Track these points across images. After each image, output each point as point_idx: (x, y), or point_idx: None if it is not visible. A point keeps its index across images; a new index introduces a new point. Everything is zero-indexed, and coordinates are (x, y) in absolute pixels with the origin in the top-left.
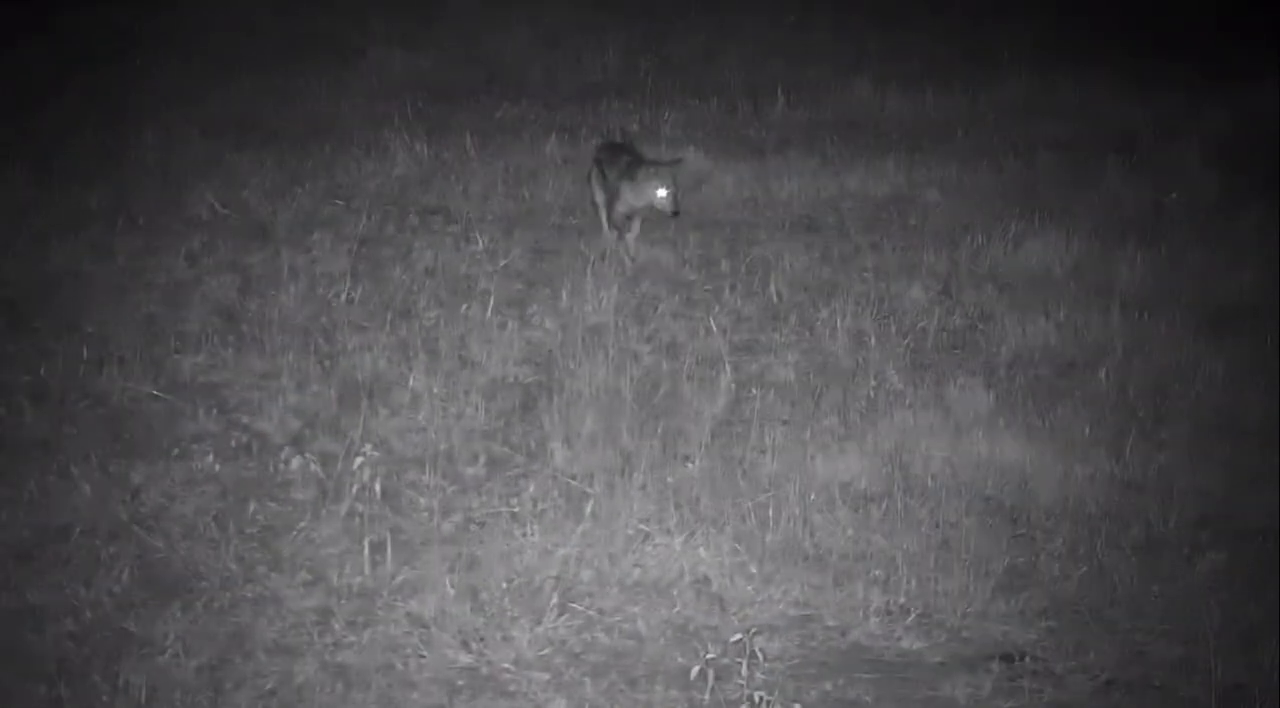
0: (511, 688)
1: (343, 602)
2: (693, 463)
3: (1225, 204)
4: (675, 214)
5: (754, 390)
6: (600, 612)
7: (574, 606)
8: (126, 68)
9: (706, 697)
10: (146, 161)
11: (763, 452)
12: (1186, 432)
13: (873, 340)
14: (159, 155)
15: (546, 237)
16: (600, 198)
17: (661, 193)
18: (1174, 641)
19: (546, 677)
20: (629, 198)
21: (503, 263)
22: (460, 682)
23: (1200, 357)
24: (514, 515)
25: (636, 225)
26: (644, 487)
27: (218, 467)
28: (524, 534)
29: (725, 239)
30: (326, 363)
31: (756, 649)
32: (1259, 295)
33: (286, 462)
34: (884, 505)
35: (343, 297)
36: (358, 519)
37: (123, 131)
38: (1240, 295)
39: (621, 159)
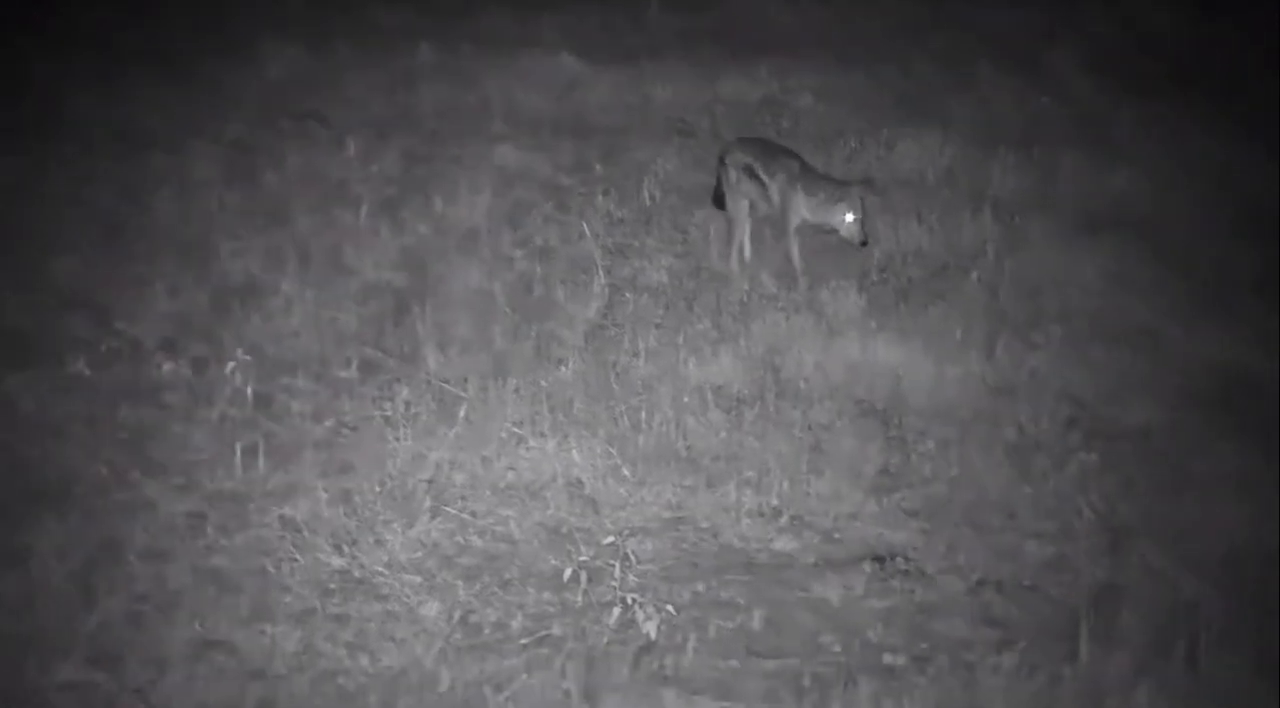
0: (384, 591)
1: (215, 506)
2: (566, 367)
3: (1099, 108)
4: (864, 244)
5: (627, 294)
6: (473, 515)
7: (447, 509)
8: None
9: (579, 599)
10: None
11: (635, 355)
12: (1058, 334)
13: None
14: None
15: (420, 142)
16: (740, 206)
17: (849, 218)
18: (1045, 541)
19: (419, 580)
20: (803, 212)
21: (375, 168)
22: (332, 585)
23: (1073, 260)
24: (386, 419)
25: (796, 246)
26: (517, 390)
27: (89, 372)
28: (396, 438)
29: (599, 144)
30: (199, 268)
31: (629, 551)
32: (1132, 200)
33: (159, 367)
34: (756, 408)
35: (215, 202)
36: (230, 424)
37: None
38: (1113, 200)
39: (786, 163)
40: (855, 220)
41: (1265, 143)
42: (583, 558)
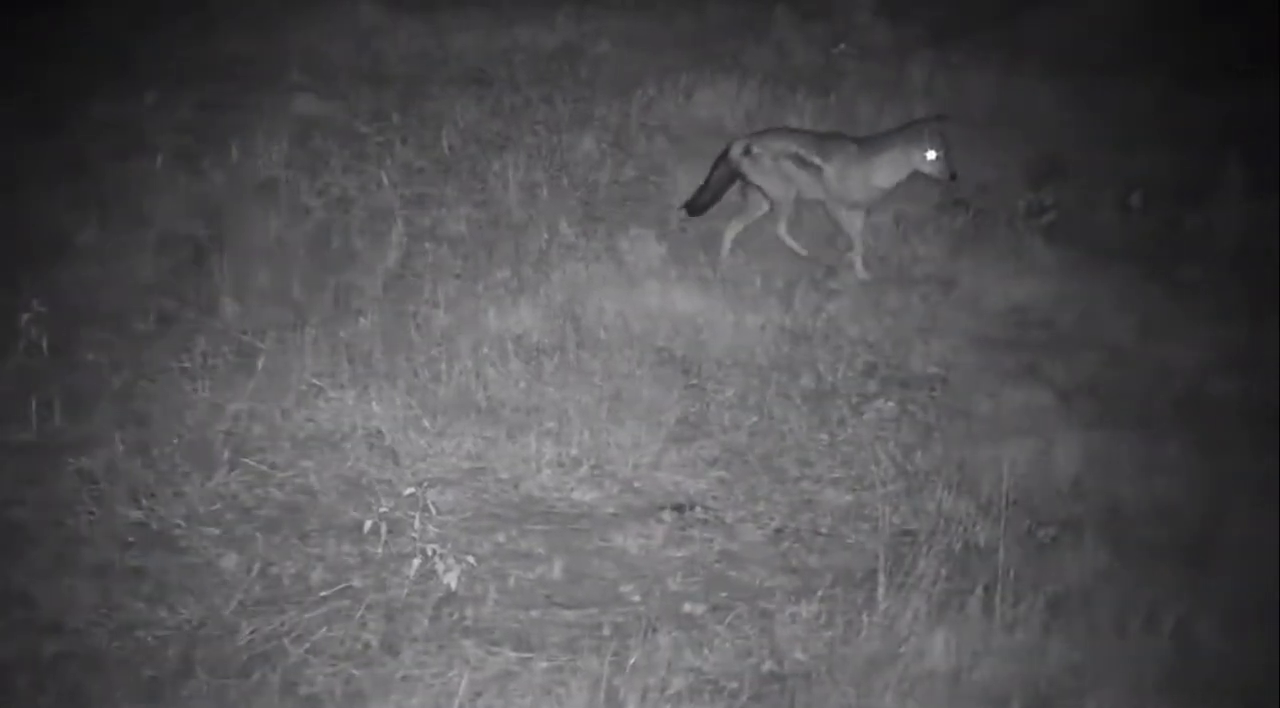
0: (183, 544)
1: (11, 458)
2: (365, 317)
3: (893, 54)
4: (953, 177)
5: (426, 244)
6: (272, 466)
7: (245, 461)
8: None
9: (379, 550)
10: None
11: (435, 305)
12: (855, 282)
13: (545, 193)
14: None
15: (218, 92)
16: (780, 198)
17: (931, 156)
18: (842, 488)
19: (218, 532)
20: (879, 183)
21: (173, 117)
22: (130, 538)
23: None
24: (184, 370)
25: (860, 221)
26: (316, 341)
27: None
28: (194, 389)
29: (397, 93)
30: None
31: (429, 502)
32: None
33: None
34: (556, 358)
35: (15, 152)
36: (26, 375)
37: None
38: None
39: (840, 144)
40: (939, 156)
41: (1050, 83)
42: (383, 509)
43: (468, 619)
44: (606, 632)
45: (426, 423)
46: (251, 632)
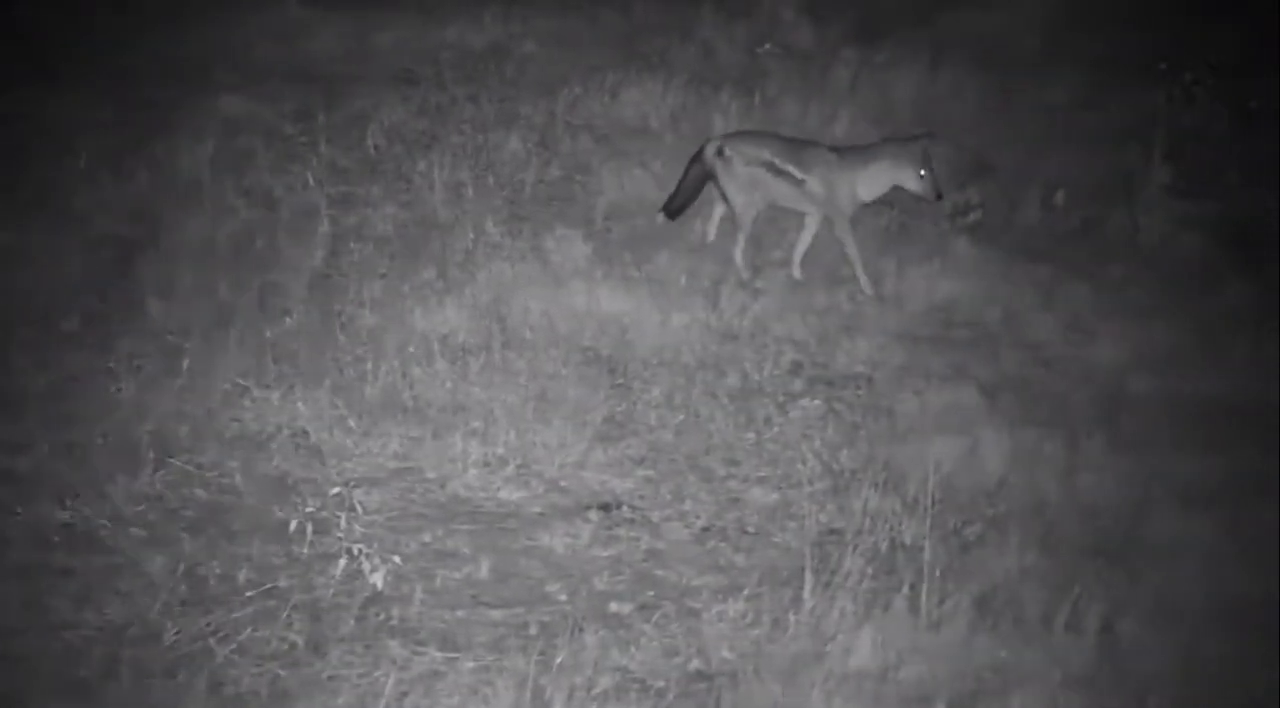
0: (108, 544)
1: None
2: (290, 317)
3: (818, 53)
4: (939, 198)
5: (352, 244)
6: (198, 467)
7: (171, 461)
8: None
9: (305, 550)
10: None
11: (361, 305)
12: (781, 281)
13: (470, 193)
14: None
15: (143, 91)
16: (743, 209)
17: (921, 173)
18: (769, 487)
19: (144, 533)
20: (861, 195)
21: (99, 117)
22: (56, 538)
23: None
24: (109, 371)
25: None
26: (241, 341)
27: None
28: (120, 390)
29: (323, 92)
30: None
31: (355, 502)
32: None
33: None
34: (482, 358)
35: None
36: None
37: None
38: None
39: (819, 154)
40: (927, 175)
41: (974, 83)
42: (308, 509)
43: (394, 619)
44: (533, 631)
45: (352, 423)
46: (177, 632)
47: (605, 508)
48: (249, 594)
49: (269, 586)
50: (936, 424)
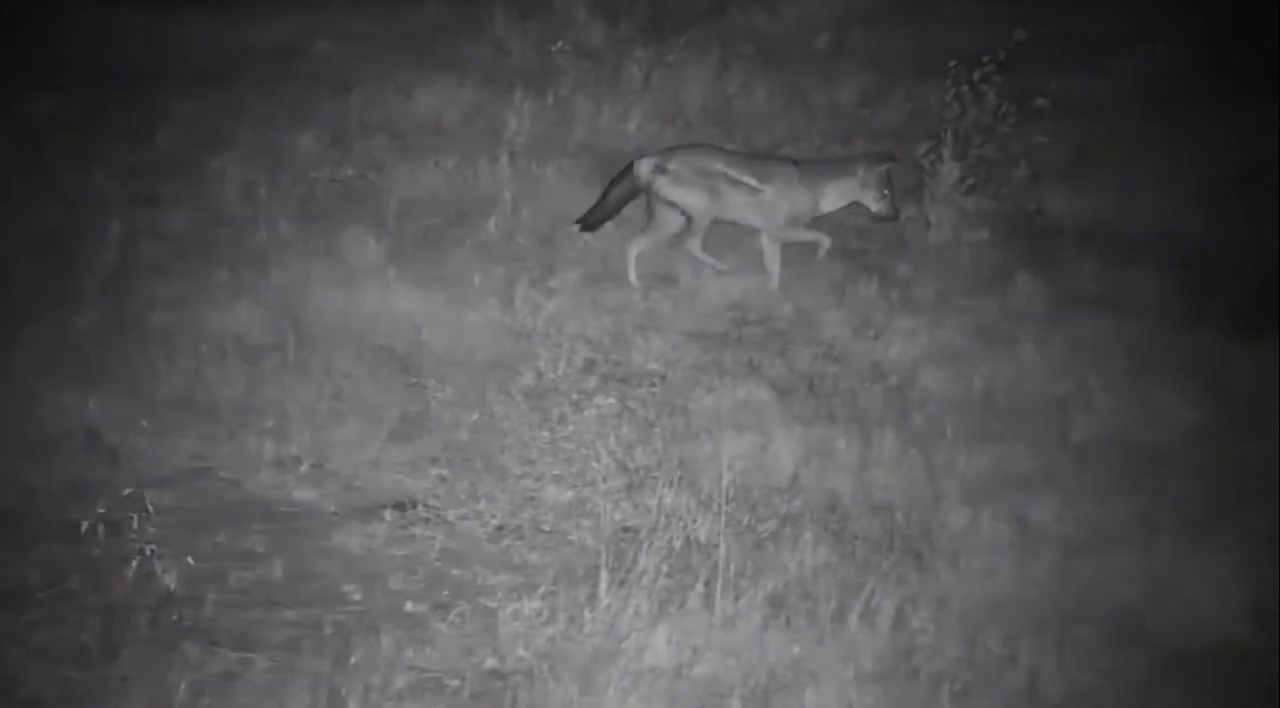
0: None
1: None
2: (83, 316)
3: (610, 52)
4: (896, 217)
5: (144, 243)
6: None
7: None
8: None
9: (97, 552)
10: None
11: (153, 304)
12: (575, 280)
13: (263, 191)
14: None
15: None
16: (702, 214)
17: (881, 193)
18: (564, 485)
19: None
20: (821, 206)
21: None
22: None
23: (587, 205)
24: None
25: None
26: (34, 340)
27: None
28: None
29: (118, 90)
30: None
31: (149, 502)
32: (642, 142)
33: None
34: (276, 357)
35: None
36: None
37: None
38: (625, 141)
39: (777, 167)
40: (885, 195)
41: (763, 80)
42: (101, 510)
43: (187, 620)
44: (328, 631)
45: (145, 423)
46: None
47: (400, 507)
48: (40, 596)
49: (60, 587)
50: (730, 421)
